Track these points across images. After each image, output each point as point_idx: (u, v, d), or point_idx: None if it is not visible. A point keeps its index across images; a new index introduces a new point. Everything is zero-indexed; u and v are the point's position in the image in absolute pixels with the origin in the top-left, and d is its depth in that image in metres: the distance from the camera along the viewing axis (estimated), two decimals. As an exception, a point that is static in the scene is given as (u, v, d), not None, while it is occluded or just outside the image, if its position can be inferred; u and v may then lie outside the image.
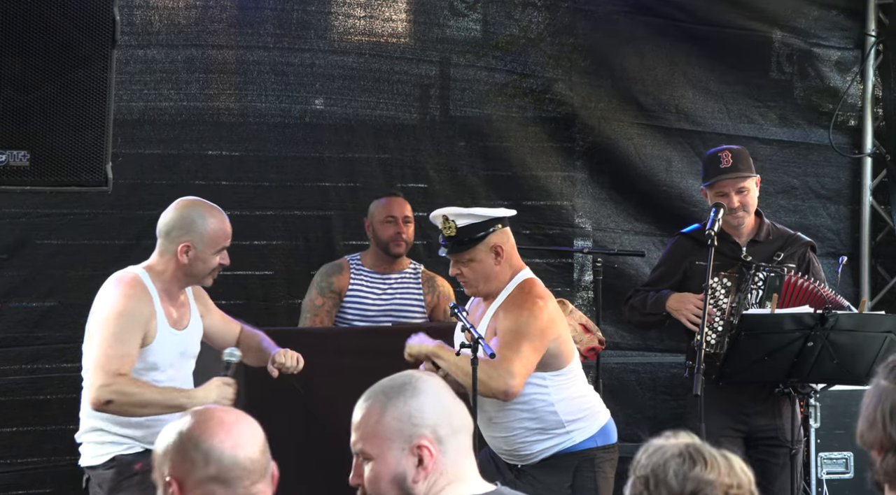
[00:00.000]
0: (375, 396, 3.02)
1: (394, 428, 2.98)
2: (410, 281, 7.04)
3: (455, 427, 3.01)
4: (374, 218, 7.04)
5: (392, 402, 2.99)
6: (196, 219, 5.21)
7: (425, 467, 2.96)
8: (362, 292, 6.95)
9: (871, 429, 2.60)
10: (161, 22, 7.20)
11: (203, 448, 2.95)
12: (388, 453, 2.97)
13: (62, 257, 7.09)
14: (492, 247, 5.40)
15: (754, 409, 6.11)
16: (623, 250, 7.71)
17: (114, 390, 5.01)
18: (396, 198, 7.07)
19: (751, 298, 6.05)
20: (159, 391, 5.08)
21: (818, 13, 8.16)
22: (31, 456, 7.07)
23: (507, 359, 5.28)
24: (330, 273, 6.99)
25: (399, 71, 7.64)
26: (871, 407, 2.61)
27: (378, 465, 2.98)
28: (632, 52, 7.95)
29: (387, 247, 6.97)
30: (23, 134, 4.76)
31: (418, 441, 2.97)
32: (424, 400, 3.00)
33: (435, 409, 3.00)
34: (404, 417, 2.98)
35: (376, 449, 2.98)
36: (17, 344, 7.04)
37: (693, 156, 7.96)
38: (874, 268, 8.27)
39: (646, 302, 6.27)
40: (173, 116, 7.30)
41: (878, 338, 5.80)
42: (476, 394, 5.21)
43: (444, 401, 3.02)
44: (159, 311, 5.17)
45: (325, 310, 6.90)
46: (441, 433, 2.98)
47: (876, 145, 8.23)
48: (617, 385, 7.81)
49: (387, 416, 2.98)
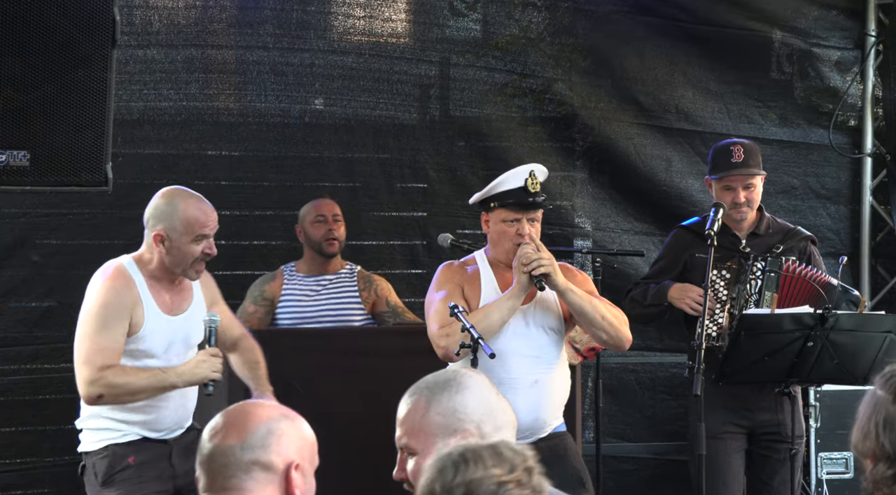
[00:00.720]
0: (420, 392, 3.03)
1: (438, 423, 2.98)
2: (345, 280, 7.05)
3: (499, 423, 3.02)
4: (304, 220, 7.06)
5: (437, 398, 3.00)
6: (170, 208, 5.19)
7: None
8: (296, 297, 6.97)
9: (864, 439, 2.61)
10: (161, 22, 7.20)
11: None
12: (433, 448, 2.98)
13: (61, 257, 7.09)
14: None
15: (757, 405, 6.11)
16: (623, 250, 7.70)
17: (102, 384, 5.03)
18: (325, 200, 7.11)
19: (750, 288, 6.08)
20: (147, 375, 5.07)
21: (818, 13, 8.15)
22: (30, 455, 7.06)
23: (620, 310, 5.51)
24: (263, 282, 7.06)
25: (399, 71, 7.64)
26: (865, 417, 2.62)
27: (423, 460, 2.98)
28: (632, 52, 7.95)
29: (320, 248, 6.98)
30: (23, 134, 4.75)
31: (462, 435, 2.96)
32: (469, 395, 3.01)
33: (479, 405, 3.00)
34: (449, 412, 2.99)
35: (421, 444, 2.99)
36: (16, 343, 7.04)
37: (693, 156, 7.96)
38: (874, 268, 8.26)
39: (646, 293, 6.29)
40: (173, 116, 7.30)
41: (878, 338, 5.81)
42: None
43: (488, 398, 3.03)
44: (146, 298, 5.15)
45: (256, 317, 6.91)
46: (485, 429, 3.00)
47: (876, 145, 8.23)
48: (617, 385, 7.81)
49: (431, 411, 2.99)
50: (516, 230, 5.41)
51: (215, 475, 2.97)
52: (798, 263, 6.13)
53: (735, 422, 6.12)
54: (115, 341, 5.06)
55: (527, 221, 5.41)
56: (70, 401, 7.07)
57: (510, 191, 5.42)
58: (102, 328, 5.06)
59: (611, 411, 7.67)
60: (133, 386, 5.04)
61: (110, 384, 5.03)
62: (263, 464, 2.96)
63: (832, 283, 6.09)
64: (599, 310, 5.38)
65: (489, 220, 5.50)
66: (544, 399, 5.42)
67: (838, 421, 7.02)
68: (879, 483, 2.57)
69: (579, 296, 5.37)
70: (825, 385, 6.84)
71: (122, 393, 5.05)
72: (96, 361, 5.04)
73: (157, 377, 5.08)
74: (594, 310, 5.37)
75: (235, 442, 2.98)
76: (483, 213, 5.52)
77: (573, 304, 5.36)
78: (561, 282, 5.35)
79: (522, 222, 5.41)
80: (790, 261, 6.09)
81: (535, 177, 5.43)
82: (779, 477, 6.08)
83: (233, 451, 2.97)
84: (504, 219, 5.44)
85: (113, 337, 5.06)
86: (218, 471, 2.97)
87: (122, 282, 5.13)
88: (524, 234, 5.39)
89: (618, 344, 5.49)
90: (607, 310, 5.41)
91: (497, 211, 5.45)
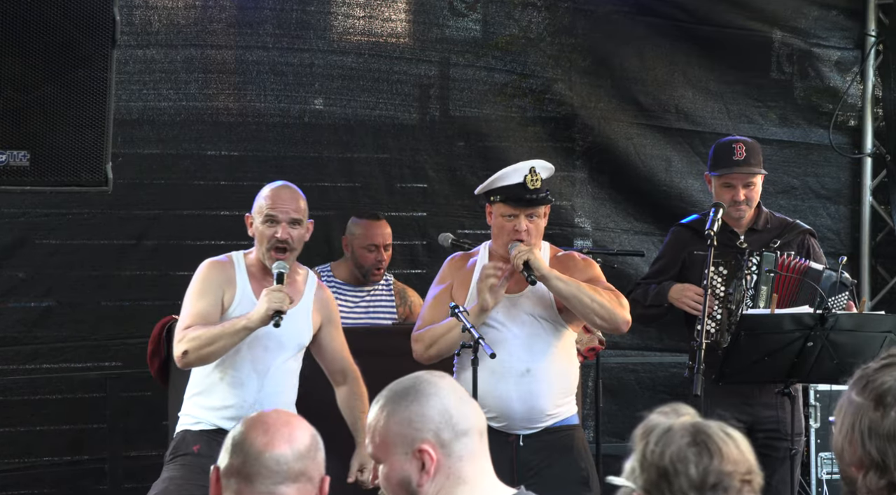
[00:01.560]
0: (384, 400, 3.04)
1: (397, 432, 3.00)
2: (383, 293, 7.04)
3: (459, 430, 3.01)
4: (354, 240, 7.01)
5: (395, 408, 3.01)
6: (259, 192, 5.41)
7: (427, 471, 2.97)
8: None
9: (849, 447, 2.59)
10: (160, 22, 7.20)
11: (238, 439, 3.02)
12: (394, 457, 3.00)
13: (61, 257, 7.08)
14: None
15: (759, 400, 6.12)
16: (623, 250, 7.70)
17: (185, 341, 5.18)
18: (378, 223, 7.04)
19: (746, 283, 6.08)
20: (220, 325, 5.20)
21: (818, 13, 8.15)
22: (29, 455, 7.06)
23: (619, 293, 5.42)
24: None
25: (398, 71, 7.63)
26: (847, 425, 2.60)
27: (387, 469, 3.02)
28: (632, 52, 7.95)
29: (366, 274, 6.97)
30: (23, 134, 4.75)
31: (419, 445, 2.98)
32: (427, 404, 3.00)
33: (436, 414, 3.00)
34: (405, 422, 2.99)
35: (384, 454, 3.01)
36: (15, 343, 7.03)
37: (693, 156, 7.96)
38: (874, 268, 8.27)
39: (647, 294, 6.29)
40: (172, 116, 7.29)
41: (877, 338, 5.81)
42: (476, 384, 5.21)
43: (447, 404, 3.02)
44: (242, 282, 5.30)
45: None
46: (444, 437, 2.99)
47: (876, 145, 8.23)
48: (617, 384, 7.81)
49: (391, 422, 3.00)
50: (513, 226, 5.41)
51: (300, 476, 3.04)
52: (793, 257, 6.13)
53: (735, 417, 6.10)
54: (202, 308, 5.24)
55: (525, 217, 5.40)
56: (69, 401, 7.08)
57: (509, 187, 5.41)
58: (192, 298, 5.27)
59: (611, 411, 7.67)
60: (209, 335, 5.15)
61: (190, 338, 5.16)
62: (309, 476, 3.03)
63: (816, 268, 6.10)
64: (587, 293, 5.32)
65: (492, 212, 5.51)
66: (539, 388, 5.39)
67: (838, 422, 7.01)
68: (874, 491, 2.56)
69: (564, 282, 5.33)
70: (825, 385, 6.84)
71: (202, 344, 5.15)
72: (182, 324, 5.24)
73: (229, 323, 5.19)
74: (580, 293, 5.31)
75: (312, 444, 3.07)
76: (487, 205, 5.53)
77: (558, 290, 5.34)
78: (544, 269, 5.33)
79: (520, 218, 5.40)
80: (784, 256, 6.10)
81: (535, 173, 5.42)
82: (777, 475, 6.07)
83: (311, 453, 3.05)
84: (503, 214, 5.44)
85: (201, 305, 5.24)
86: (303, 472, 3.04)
87: (221, 263, 5.35)
88: (521, 231, 5.39)
89: (614, 326, 5.41)
90: (597, 293, 5.34)
91: (497, 204, 5.45)
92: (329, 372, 5.55)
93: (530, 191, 5.39)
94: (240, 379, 5.28)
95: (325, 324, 5.46)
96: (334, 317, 5.52)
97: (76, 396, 7.09)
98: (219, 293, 5.27)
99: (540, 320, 5.45)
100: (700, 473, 2.55)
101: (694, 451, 2.57)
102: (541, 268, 5.31)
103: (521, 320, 5.45)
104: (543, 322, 5.45)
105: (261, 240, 5.32)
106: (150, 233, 7.23)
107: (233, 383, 5.28)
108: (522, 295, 5.46)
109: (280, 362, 5.34)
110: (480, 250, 5.63)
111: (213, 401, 5.30)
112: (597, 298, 5.32)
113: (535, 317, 5.45)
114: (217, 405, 5.29)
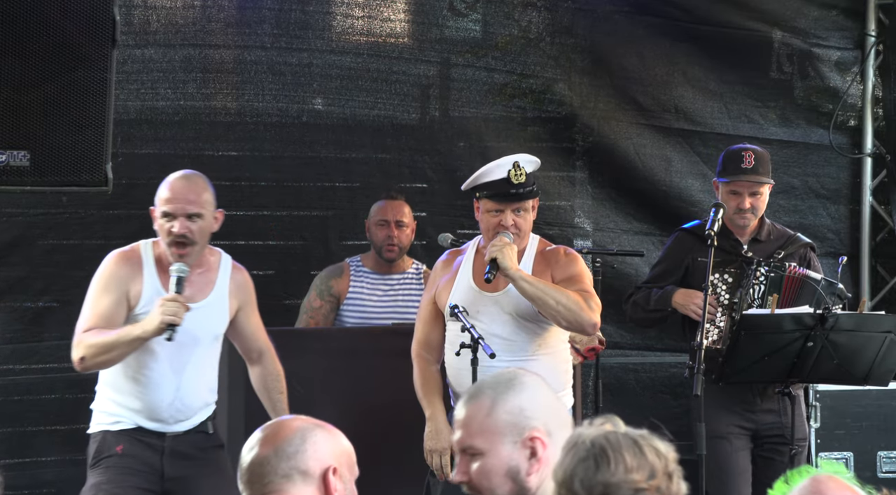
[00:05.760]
0: (483, 392, 3.03)
1: (506, 421, 2.99)
2: (412, 281, 7.01)
3: (562, 421, 3.04)
4: (370, 219, 7.02)
5: (502, 397, 3.00)
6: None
7: (539, 459, 2.96)
8: (363, 294, 6.93)
9: None
10: (159, 21, 7.19)
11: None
12: (500, 447, 2.98)
13: (59, 256, 7.08)
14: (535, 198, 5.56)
15: (761, 407, 6.12)
16: (623, 250, 7.70)
17: (82, 346, 5.10)
18: (393, 202, 7.02)
19: (753, 294, 6.08)
20: (115, 332, 5.07)
21: (818, 13, 8.15)
22: (28, 455, 7.06)
23: (591, 294, 5.42)
24: (330, 276, 6.97)
25: (398, 71, 7.63)
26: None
27: (489, 460, 2.98)
28: (632, 52, 7.94)
29: (379, 251, 6.94)
30: (23, 134, 4.75)
31: (531, 433, 2.98)
32: (536, 393, 3.02)
33: (543, 404, 3.01)
34: (516, 410, 2.99)
35: (487, 444, 2.98)
36: (14, 343, 7.03)
37: (693, 156, 7.96)
38: (874, 268, 8.26)
39: (649, 298, 6.29)
40: (170, 116, 7.29)
41: (877, 338, 5.82)
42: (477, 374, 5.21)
43: (550, 397, 3.05)
44: (150, 275, 5.18)
45: (322, 313, 6.87)
46: (551, 426, 3.00)
47: (876, 145, 8.23)
48: (617, 384, 7.80)
49: (497, 410, 2.99)
50: (499, 221, 5.42)
51: (254, 484, 2.98)
52: (796, 267, 6.13)
53: (739, 424, 6.11)
54: (105, 308, 5.12)
55: (512, 212, 5.44)
56: (68, 401, 7.08)
57: (493, 182, 5.45)
58: (95, 295, 5.15)
59: (611, 411, 7.61)
60: (105, 342, 5.05)
61: (87, 344, 5.08)
62: (300, 470, 2.97)
63: (815, 277, 6.11)
64: (552, 295, 5.33)
65: (479, 208, 5.54)
66: None
67: (838, 421, 7.02)
68: None
69: (529, 283, 5.35)
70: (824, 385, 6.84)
71: (98, 353, 5.06)
72: (81, 326, 5.13)
73: (124, 331, 5.07)
74: (545, 295, 5.33)
75: (270, 451, 2.99)
76: (474, 201, 5.55)
77: (523, 291, 5.36)
78: (511, 269, 5.34)
79: (506, 213, 5.45)
80: (792, 267, 6.11)
81: (519, 167, 5.45)
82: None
83: (268, 460, 2.98)
84: (488, 210, 5.50)
85: (103, 304, 5.12)
86: (256, 481, 2.98)
87: (127, 256, 5.22)
88: (507, 226, 5.42)
89: (579, 328, 5.46)
90: (565, 294, 5.35)
91: (483, 200, 5.51)
92: (243, 351, 5.46)
93: (514, 185, 5.43)
94: (155, 381, 5.19)
95: (242, 307, 5.37)
96: (251, 299, 5.42)
97: (76, 396, 7.07)
98: (123, 289, 5.15)
99: (518, 319, 5.47)
100: (586, 485, 2.54)
101: (584, 466, 2.56)
102: (507, 268, 5.33)
103: (501, 320, 5.48)
104: (524, 321, 5.47)
105: (160, 235, 5.22)
106: (148, 233, 7.17)
107: (148, 385, 5.19)
108: (504, 293, 5.47)
109: (197, 357, 5.26)
110: (469, 246, 5.66)
111: (130, 402, 5.20)
112: (562, 301, 5.33)
113: (513, 316, 5.47)
114: (135, 407, 5.20)
